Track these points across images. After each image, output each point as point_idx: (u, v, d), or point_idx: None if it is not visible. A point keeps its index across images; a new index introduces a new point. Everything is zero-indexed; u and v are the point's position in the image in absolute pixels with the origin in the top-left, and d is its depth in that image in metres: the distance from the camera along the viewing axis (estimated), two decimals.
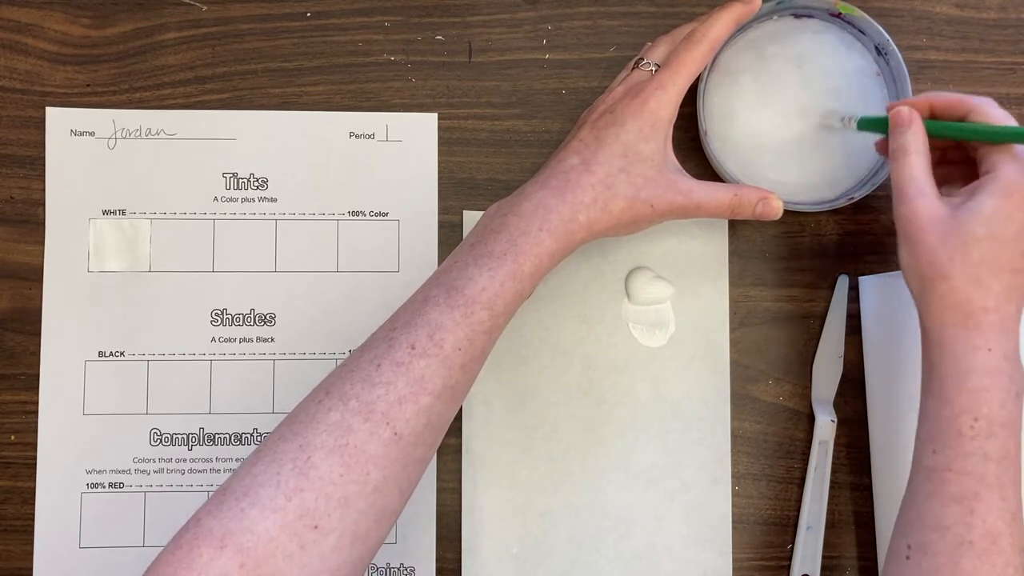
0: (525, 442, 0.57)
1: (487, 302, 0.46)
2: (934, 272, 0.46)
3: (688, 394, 0.58)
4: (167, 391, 0.56)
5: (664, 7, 0.59)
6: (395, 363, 0.44)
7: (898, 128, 0.49)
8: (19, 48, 0.58)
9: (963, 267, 0.45)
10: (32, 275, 0.57)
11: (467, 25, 0.59)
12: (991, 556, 0.43)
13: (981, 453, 0.44)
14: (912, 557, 0.45)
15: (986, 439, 0.44)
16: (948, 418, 0.45)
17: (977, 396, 0.44)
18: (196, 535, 0.40)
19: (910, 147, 0.48)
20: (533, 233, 0.47)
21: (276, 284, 0.57)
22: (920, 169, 0.48)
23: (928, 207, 0.47)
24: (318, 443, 0.42)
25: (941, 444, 0.45)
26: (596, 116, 0.51)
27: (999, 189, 0.46)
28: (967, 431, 0.44)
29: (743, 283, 0.59)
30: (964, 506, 0.44)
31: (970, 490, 0.44)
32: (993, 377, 0.44)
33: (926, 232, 0.46)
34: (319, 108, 0.58)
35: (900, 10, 0.59)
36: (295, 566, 0.40)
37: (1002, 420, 0.44)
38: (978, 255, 0.45)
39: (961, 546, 0.43)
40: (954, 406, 0.45)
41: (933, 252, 0.46)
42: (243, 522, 0.40)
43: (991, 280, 0.45)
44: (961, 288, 0.45)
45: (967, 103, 0.48)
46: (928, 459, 0.46)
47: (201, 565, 0.39)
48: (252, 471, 0.42)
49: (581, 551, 0.57)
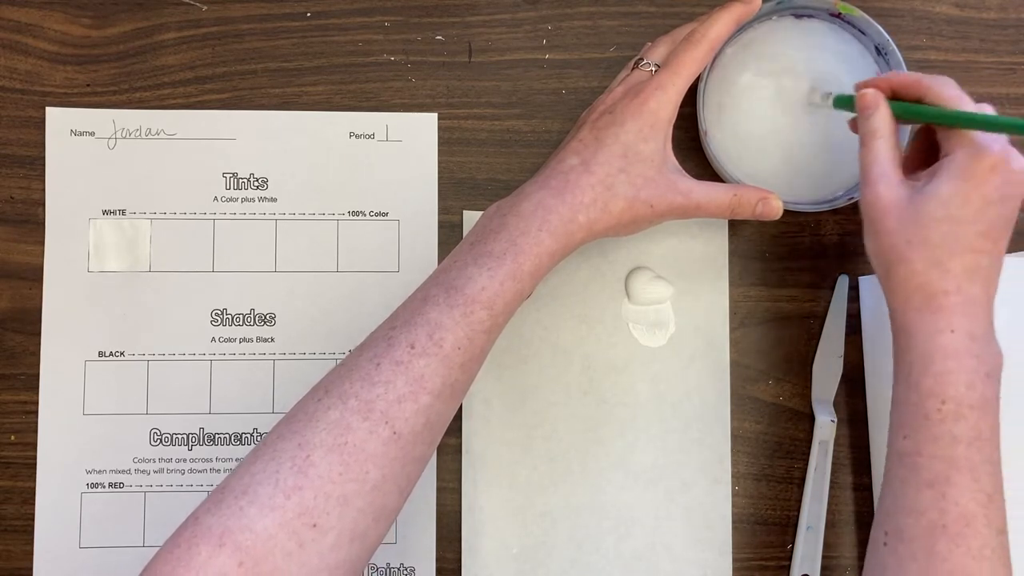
0: (525, 442, 0.57)
1: (487, 301, 0.46)
2: (895, 256, 0.46)
3: (688, 394, 0.58)
4: (167, 391, 0.56)
5: (664, 7, 0.59)
6: (394, 362, 0.44)
7: (864, 111, 0.49)
8: (19, 48, 0.58)
9: (922, 250, 0.45)
10: (32, 275, 0.57)
11: (467, 25, 0.59)
12: (966, 539, 0.43)
13: (949, 436, 0.44)
14: (889, 544, 0.45)
15: (954, 422, 0.44)
16: (915, 403, 0.45)
17: (942, 379, 0.44)
18: (194, 533, 0.40)
19: (875, 131, 0.48)
20: (533, 233, 0.47)
21: (276, 284, 0.57)
22: (883, 153, 0.48)
23: (888, 191, 0.47)
24: (317, 441, 0.42)
25: (911, 429, 0.45)
26: (596, 116, 0.51)
27: (956, 172, 0.46)
28: (934, 415, 0.44)
29: (743, 283, 0.59)
30: (936, 490, 0.44)
31: (941, 474, 0.44)
32: (958, 359, 0.44)
33: (886, 216, 0.46)
34: (319, 108, 0.58)
35: (900, 10, 0.59)
36: (294, 564, 0.40)
37: (971, 402, 0.44)
38: (937, 237, 0.45)
39: (935, 530, 0.43)
40: (920, 390, 0.45)
41: (893, 236, 0.46)
42: (242, 520, 0.40)
43: (951, 262, 0.45)
44: (921, 271, 0.45)
45: (922, 83, 0.48)
46: (900, 444, 0.46)
47: (200, 563, 0.39)
48: (251, 469, 0.42)
49: (581, 551, 0.57)
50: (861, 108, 0.49)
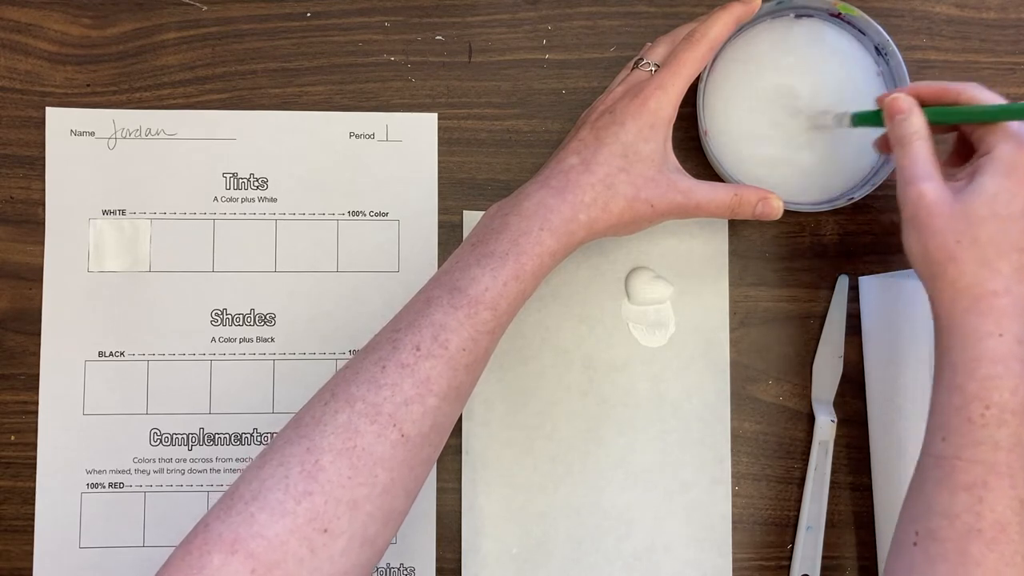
0: (525, 442, 0.57)
1: (490, 302, 0.46)
2: (943, 256, 0.45)
3: (688, 394, 0.58)
4: (167, 391, 0.56)
5: (664, 7, 0.59)
6: (400, 364, 0.44)
7: (898, 116, 0.48)
8: (19, 48, 0.58)
9: (971, 249, 0.45)
10: (32, 275, 0.57)
11: (467, 25, 0.59)
12: (999, 544, 0.43)
13: (992, 442, 0.43)
14: (920, 544, 0.44)
15: (997, 427, 0.43)
16: (958, 406, 0.44)
17: (988, 384, 0.44)
18: (206, 540, 0.40)
19: (914, 133, 0.48)
20: (534, 233, 0.47)
21: (276, 284, 0.57)
22: (925, 153, 0.47)
23: (935, 190, 0.46)
24: (326, 446, 0.42)
25: (951, 432, 0.44)
26: (596, 116, 0.51)
27: (999, 168, 0.45)
28: (977, 419, 0.44)
29: (743, 283, 0.59)
30: (973, 494, 0.43)
31: (979, 478, 0.43)
32: (1005, 364, 0.44)
33: (934, 215, 0.46)
34: (319, 108, 0.58)
35: (900, 10, 0.59)
36: (305, 570, 0.40)
37: (1013, 408, 0.44)
38: (985, 236, 0.45)
39: (969, 534, 0.43)
40: (965, 394, 0.44)
41: (941, 235, 0.45)
42: (253, 527, 0.40)
43: (1000, 262, 0.44)
44: (970, 271, 0.45)
45: (953, 89, 0.48)
46: (937, 447, 0.45)
47: (212, 570, 0.39)
48: (260, 475, 0.42)
49: (581, 551, 0.57)
50: (894, 113, 0.49)
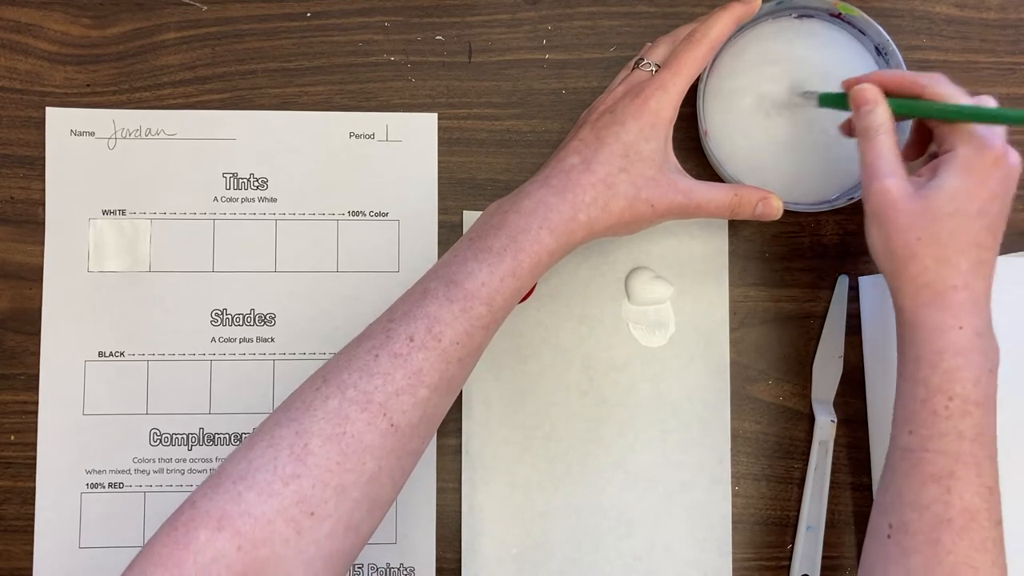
0: (525, 442, 0.57)
1: (486, 298, 0.46)
2: (905, 252, 0.46)
3: (688, 394, 0.58)
4: (167, 391, 0.56)
5: (664, 7, 0.59)
6: (393, 354, 0.44)
7: (864, 107, 0.49)
8: (19, 48, 0.58)
9: (931, 246, 0.46)
10: (32, 275, 0.57)
11: (467, 25, 0.59)
12: (969, 532, 0.44)
13: (956, 432, 0.45)
14: (893, 536, 0.45)
15: (960, 418, 0.45)
16: (923, 398, 0.45)
17: (950, 376, 0.45)
18: (192, 517, 0.40)
19: (879, 126, 0.48)
20: (533, 231, 0.47)
21: (276, 284, 0.57)
22: (889, 148, 0.48)
23: (898, 187, 0.47)
24: (315, 430, 0.42)
25: (916, 424, 0.46)
26: (596, 116, 0.51)
27: (960, 166, 0.46)
28: (942, 411, 0.45)
29: (743, 283, 0.59)
30: (941, 485, 0.44)
31: (946, 469, 0.44)
32: (966, 355, 0.45)
33: (896, 212, 0.46)
34: (319, 108, 0.58)
35: (900, 10, 0.59)
36: (291, 551, 0.40)
37: (976, 398, 0.45)
38: (946, 233, 0.45)
39: (940, 524, 0.44)
40: (928, 386, 0.45)
41: (903, 232, 0.46)
42: (240, 505, 0.40)
43: (959, 258, 0.45)
44: (931, 267, 0.46)
45: (918, 82, 0.49)
46: (904, 439, 0.46)
47: (198, 546, 0.39)
48: (248, 455, 0.42)
49: (581, 551, 0.57)
50: (860, 103, 0.49)
